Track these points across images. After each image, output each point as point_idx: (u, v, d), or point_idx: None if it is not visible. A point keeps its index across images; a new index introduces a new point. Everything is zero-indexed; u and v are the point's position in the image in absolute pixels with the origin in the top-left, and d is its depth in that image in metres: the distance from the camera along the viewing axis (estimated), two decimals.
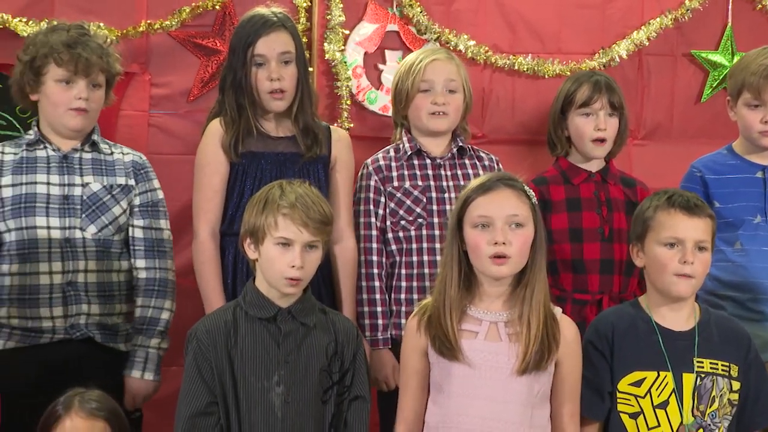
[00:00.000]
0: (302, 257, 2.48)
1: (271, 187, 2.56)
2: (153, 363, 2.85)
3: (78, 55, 2.80)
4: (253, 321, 2.51)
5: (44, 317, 2.79)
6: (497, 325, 2.49)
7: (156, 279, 2.89)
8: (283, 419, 2.46)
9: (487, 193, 2.47)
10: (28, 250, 2.80)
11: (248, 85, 2.98)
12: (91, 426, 2.40)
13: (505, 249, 2.43)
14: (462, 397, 2.45)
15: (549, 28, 3.75)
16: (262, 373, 2.47)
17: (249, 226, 2.54)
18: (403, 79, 3.14)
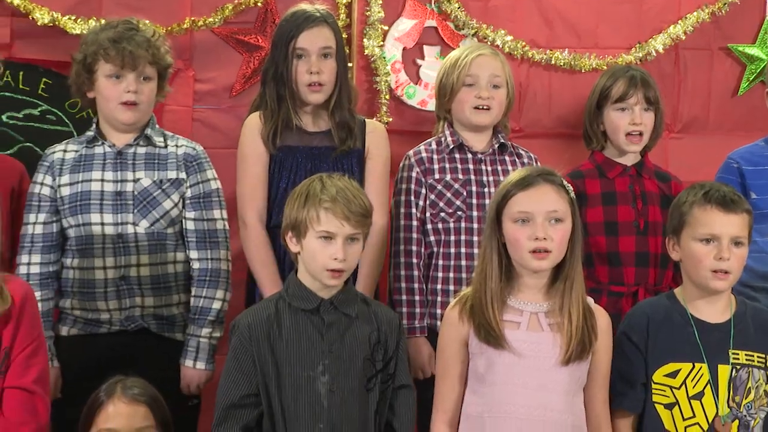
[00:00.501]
0: (344, 250, 2.48)
1: (311, 180, 2.56)
2: (204, 352, 2.86)
3: (124, 50, 2.83)
4: (296, 312, 2.52)
5: (101, 309, 2.85)
6: (538, 315, 2.50)
7: (208, 269, 2.90)
8: (329, 408, 2.46)
9: (527, 189, 2.47)
10: (85, 245, 2.85)
11: (288, 78, 3.00)
12: (133, 411, 2.42)
13: (545, 244, 2.44)
14: (507, 386, 2.45)
15: (586, 23, 3.74)
16: (307, 363, 2.48)
17: (291, 219, 2.54)
18: (449, 73, 3.15)
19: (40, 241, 2.84)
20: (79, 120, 3.35)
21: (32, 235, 2.85)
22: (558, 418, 2.46)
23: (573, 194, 2.52)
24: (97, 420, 2.41)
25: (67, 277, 2.87)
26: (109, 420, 2.40)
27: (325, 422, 2.45)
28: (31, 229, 2.85)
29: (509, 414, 2.45)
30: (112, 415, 2.41)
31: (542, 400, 2.45)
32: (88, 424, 2.43)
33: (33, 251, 2.84)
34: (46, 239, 2.85)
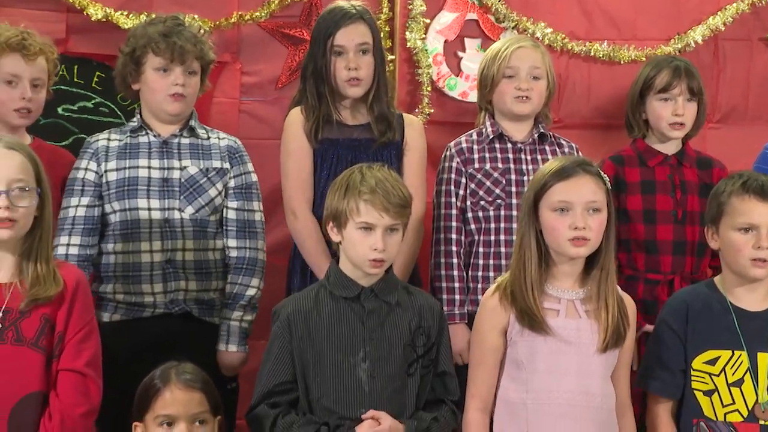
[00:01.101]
0: (384, 240, 2.48)
1: (351, 171, 2.56)
2: (235, 335, 2.88)
3: (173, 44, 2.86)
4: (337, 300, 2.52)
5: (146, 293, 2.86)
6: (574, 302, 2.50)
7: (246, 258, 2.93)
8: (371, 393, 2.47)
9: (567, 179, 2.46)
10: (130, 230, 2.86)
11: (328, 74, 3.02)
12: (189, 397, 2.42)
13: (584, 233, 2.44)
14: (550, 373, 2.46)
15: (625, 14, 3.71)
16: (348, 350, 2.48)
17: (331, 210, 2.54)
18: (489, 65, 3.14)
19: (81, 224, 2.85)
20: (130, 112, 3.35)
21: (74, 218, 2.86)
22: (598, 403, 2.48)
23: (609, 184, 2.52)
24: (154, 406, 2.41)
25: (108, 262, 2.88)
26: (166, 407, 2.40)
27: (366, 407, 2.45)
28: (73, 211, 2.86)
29: (552, 400, 2.45)
30: (170, 402, 2.40)
31: (583, 385, 2.46)
32: (143, 410, 2.43)
33: (73, 233, 2.85)
34: (87, 222, 2.86)
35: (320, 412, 2.47)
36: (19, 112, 2.88)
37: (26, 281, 2.32)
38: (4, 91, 2.88)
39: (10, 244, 2.32)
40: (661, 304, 2.92)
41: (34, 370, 2.31)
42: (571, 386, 2.45)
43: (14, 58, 2.87)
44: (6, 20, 3.03)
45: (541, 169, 2.56)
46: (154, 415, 2.40)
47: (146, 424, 2.41)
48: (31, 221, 2.34)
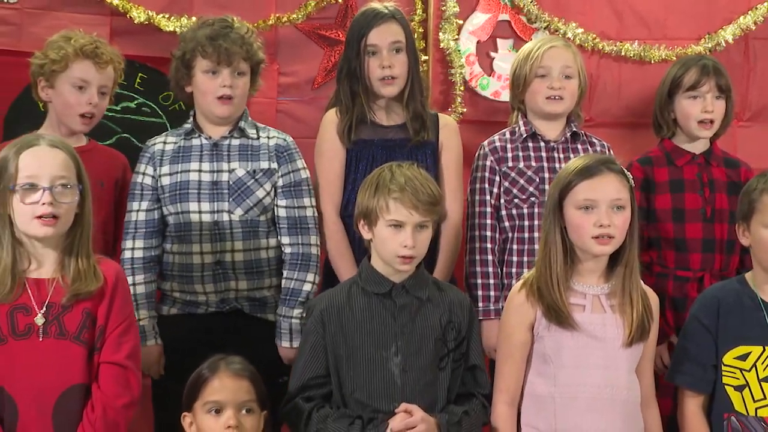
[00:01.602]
0: (414, 237, 2.48)
1: (381, 170, 2.57)
2: (297, 333, 2.86)
3: (220, 46, 2.86)
4: (369, 296, 2.53)
5: (198, 292, 2.89)
6: (599, 297, 2.51)
7: (299, 254, 2.92)
8: (403, 387, 2.48)
9: (591, 177, 2.47)
10: (183, 232, 2.89)
11: (362, 74, 3.02)
12: (238, 385, 2.43)
13: (609, 230, 2.44)
14: (576, 367, 2.47)
15: (655, 14, 3.70)
16: (380, 344, 2.49)
17: (362, 208, 2.55)
18: (522, 65, 3.14)
19: (143, 227, 2.89)
20: (172, 112, 3.41)
21: (136, 222, 2.89)
22: (624, 396, 2.48)
23: (632, 182, 2.52)
24: (202, 394, 2.42)
25: (167, 261, 2.91)
26: (214, 393, 2.42)
27: (398, 400, 2.46)
28: (135, 216, 2.90)
29: (579, 394, 2.46)
30: (218, 389, 2.42)
31: (610, 379, 2.47)
32: (192, 399, 2.45)
33: (137, 237, 2.88)
34: (148, 225, 2.89)
35: (353, 405, 2.49)
36: (83, 118, 2.92)
37: (68, 277, 2.34)
38: (73, 95, 2.91)
39: (52, 240, 2.34)
40: (690, 301, 2.91)
41: (77, 363, 2.33)
42: (597, 380, 2.46)
43: (86, 64, 2.90)
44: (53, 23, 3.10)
45: (566, 167, 2.57)
46: (203, 402, 2.42)
47: (195, 412, 2.43)
48: (72, 218, 2.36)
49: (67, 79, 2.91)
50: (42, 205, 2.29)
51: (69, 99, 2.92)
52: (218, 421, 2.39)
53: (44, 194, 2.29)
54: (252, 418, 2.42)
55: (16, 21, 3.27)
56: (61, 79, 2.91)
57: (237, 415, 2.39)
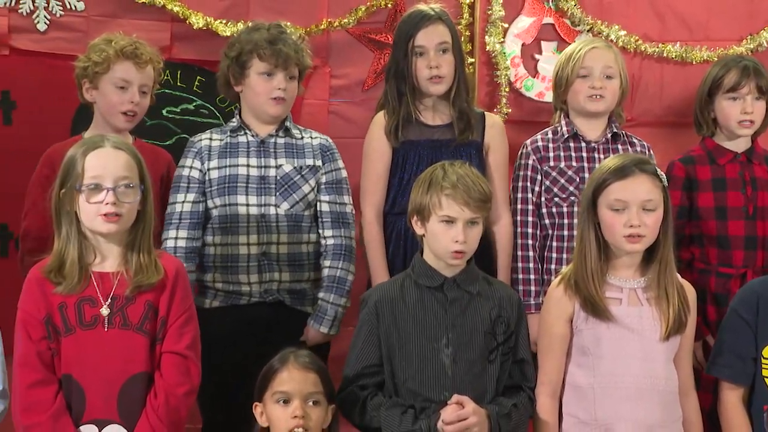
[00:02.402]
0: (465, 233, 2.49)
1: (434, 168, 2.58)
2: (338, 320, 2.91)
3: (279, 51, 2.89)
4: (421, 290, 2.54)
5: (243, 282, 2.91)
6: (636, 291, 2.51)
7: (342, 245, 2.95)
8: (453, 377, 2.48)
9: (624, 179, 2.47)
10: (229, 224, 2.90)
11: (409, 74, 3.03)
12: (305, 377, 2.43)
13: (639, 230, 2.44)
14: (615, 358, 2.47)
15: (697, 16, 3.68)
16: (432, 336, 2.50)
17: (415, 204, 2.55)
18: (564, 66, 3.13)
19: (187, 218, 2.90)
20: (228, 114, 3.41)
21: (181, 213, 2.90)
22: (662, 386, 2.49)
23: (666, 182, 2.52)
24: (272, 384, 2.43)
25: (208, 253, 2.92)
26: (283, 384, 2.42)
27: (449, 390, 2.47)
28: (180, 207, 2.91)
29: (618, 384, 2.47)
30: (286, 380, 2.43)
31: (648, 369, 2.47)
32: (263, 390, 2.45)
33: (181, 227, 2.89)
34: (193, 217, 2.90)
35: (405, 393, 2.50)
36: (125, 116, 2.96)
37: (131, 270, 2.37)
38: (115, 94, 2.96)
39: (116, 236, 2.38)
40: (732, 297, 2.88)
41: (140, 352, 2.37)
42: (636, 370, 2.47)
43: (126, 65, 2.95)
44: (119, 30, 3.13)
45: (601, 166, 2.57)
46: (272, 393, 2.43)
47: (265, 402, 2.44)
48: (135, 215, 2.39)
49: (109, 80, 2.95)
50: (105, 204, 2.33)
51: (112, 98, 2.96)
52: (285, 410, 2.40)
53: (108, 194, 2.33)
54: (318, 410, 2.43)
55: (83, 28, 3.34)
56: (104, 80, 2.96)
57: (303, 406, 2.40)
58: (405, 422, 2.46)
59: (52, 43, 3.33)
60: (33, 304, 2.36)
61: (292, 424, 2.38)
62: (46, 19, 3.32)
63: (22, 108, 3.35)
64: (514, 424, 2.50)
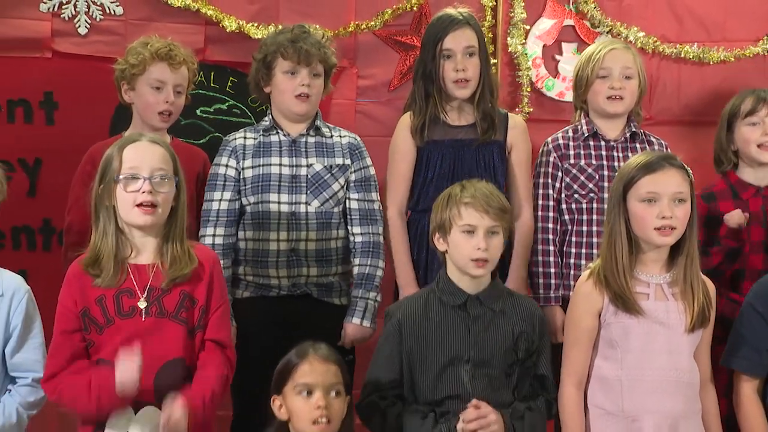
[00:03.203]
0: (486, 241, 2.48)
1: (452, 187, 2.58)
2: (370, 312, 2.92)
3: (300, 48, 2.91)
4: (445, 306, 2.52)
5: (272, 276, 2.93)
6: (662, 286, 2.50)
7: (371, 242, 2.97)
8: (473, 392, 2.47)
9: (654, 172, 2.46)
10: (261, 220, 2.93)
11: (436, 76, 3.03)
12: (326, 368, 2.41)
13: (671, 222, 2.44)
14: (642, 352, 2.47)
15: (714, 17, 3.66)
16: (453, 353, 2.49)
17: (437, 222, 2.54)
18: (584, 66, 3.13)
19: (224, 216, 2.91)
20: (260, 113, 3.46)
21: (218, 210, 2.91)
22: (687, 378, 2.49)
23: (692, 176, 2.51)
24: (293, 377, 2.40)
25: (241, 248, 2.93)
26: (305, 376, 2.39)
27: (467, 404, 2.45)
28: (216, 205, 2.92)
29: (645, 377, 2.47)
30: (308, 372, 2.39)
31: (673, 363, 2.47)
32: (282, 383, 2.42)
33: (218, 224, 2.90)
34: (229, 214, 2.92)
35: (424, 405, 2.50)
36: (161, 115, 2.98)
37: (166, 262, 2.39)
38: (151, 94, 2.99)
39: (153, 229, 2.40)
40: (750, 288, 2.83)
41: (175, 340, 2.39)
42: (662, 364, 2.47)
43: (161, 66, 2.97)
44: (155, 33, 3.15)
45: (629, 162, 2.56)
46: (294, 385, 2.39)
47: (285, 395, 2.41)
48: (170, 208, 2.42)
49: (145, 81, 2.98)
50: (142, 193, 2.36)
51: (148, 99, 2.98)
52: (308, 402, 2.37)
53: (144, 183, 2.36)
54: (339, 401, 2.41)
55: (121, 31, 3.37)
56: (140, 81, 2.98)
57: (326, 397, 2.38)
58: (425, 426, 2.46)
59: (92, 46, 3.37)
60: (70, 298, 2.39)
61: (315, 414, 2.35)
62: (87, 24, 3.36)
63: (63, 108, 3.39)
64: (529, 426, 2.48)
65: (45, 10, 3.33)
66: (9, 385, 2.51)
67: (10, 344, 2.49)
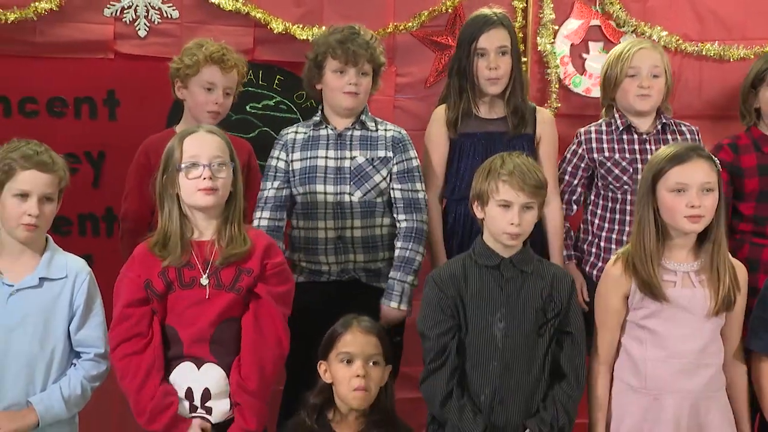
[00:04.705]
0: (520, 216, 2.48)
1: (493, 158, 2.57)
2: (407, 296, 2.90)
3: (348, 49, 2.91)
4: (481, 268, 2.54)
5: (322, 262, 2.95)
6: (689, 274, 2.48)
7: (413, 228, 2.94)
8: (503, 348, 2.49)
9: (683, 163, 2.44)
10: (309, 210, 2.95)
11: (470, 73, 3.03)
12: (367, 339, 2.46)
13: (699, 211, 2.42)
14: (667, 336, 2.46)
15: (735, 17, 3.62)
16: (487, 310, 2.50)
17: (476, 191, 2.56)
18: (613, 65, 3.10)
19: (271, 202, 2.94)
20: (304, 109, 3.50)
21: (266, 197, 2.95)
22: (708, 360, 2.47)
23: (719, 166, 2.49)
24: (336, 345, 2.47)
25: (295, 236, 2.97)
26: (346, 345, 2.46)
27: (498, 360, 2.49)
28: (266, 193, 2.96)
29: (668, 359, 2.46)
30: (350, 342, 2.46)
31: (697, 345, 2.46)
32: (327, 350, 2.49)
33: (265, 209, 2.93)
34: (276, 201, 2.94)
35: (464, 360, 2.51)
36: (210, 114, 3.00)
37: (223, 240, 2.45)
38: (202, 94, 3.00)
39: (214, 210, 2.46)
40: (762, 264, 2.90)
41: (231, 306, 2.43)
42: (686, 347, 2.46)
43: (213, 69, 2.98)
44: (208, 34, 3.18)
45: (657, 154, 2.54)
46: (336, 353, 2.46)
47: (329, 361, 2.48)
48: (228, 191, 2.47)
49: (198, 81, 2.98)
50: (203, 179, 2.41)
51: (199, 98, 2.99)
52: (349, 369, 2.43)
53: (204, 170, 2.41)
54: (377, 370, 2.46)
55: (177, 33, 3.39)
56: (193, 81, 2.99)
57: (365, 366, 2.43)
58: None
59: (150, 47, 3.39)
60: (134, 271, 2.45)
61: (355, 382, 2.41)
62: (146, 27, 3.38)
63: (124, 105, 3.42)
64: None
65: (108, 14, 3.36)
66: (74, 359, 2.55)
67: (74, 322, 2.53)
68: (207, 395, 2.42)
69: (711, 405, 2.47)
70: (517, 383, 2.48)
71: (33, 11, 3.24)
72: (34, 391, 2.47)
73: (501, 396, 2.47)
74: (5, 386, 2.45)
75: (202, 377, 2.42)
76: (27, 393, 2.46)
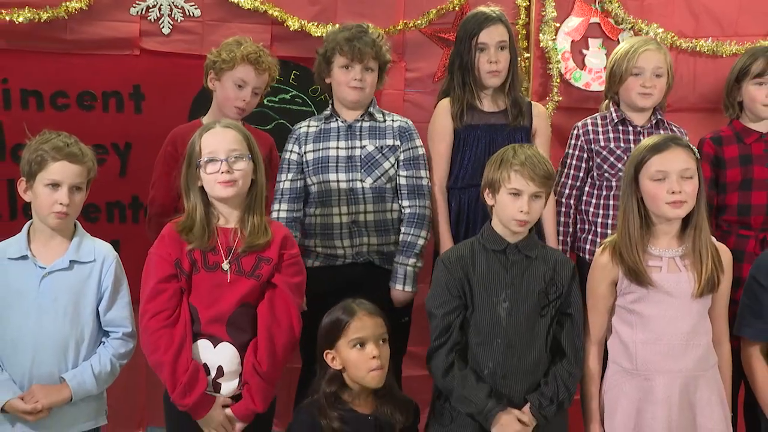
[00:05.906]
0: (529, 204, 2.48)
1: (506, 149, 2.56)
2: (410, 278, 2.91)
3: (354, 47, 2.92)
4: (488, 252, 2.54)
5: (338, 247, 2.96)
6: (674, 259, 2.47)
7: (416, 213, 2.96)
8: (506, 327, 2.49)
9: (662, 152, 2.44)
10: (324, 198, 2.96)
11: (472, 67, 3.04)
12: (374, 321, 2.45)
13: (680, 196, 2.41)
14: (655, 319, 2.45)
15: (728, 14, 3.60)
16: (492, 291, 2.51)
17: (488, 179, 2.55)
18: (619, 63, 3.09)
19: (287, 194, 2.96)
20: (319, 102, 3.50)
21: (282, 189, 2.97)
22: (696, 341, 2.46)
23: (698, 155, 2.48)
24: (346, 333, 2.42)
25: (310, 223, 2.98)
26: (358, 331, 2.42)
27: (501, 337, 2.49)
28: (282, 185, 2.97)
29: (656, 341, 2.46)
30: (360, 327, 2.43)
31: (685, 327, 2.45)
32: (334, 339, 2.44)
33: (282, 201, 2.95)
34: (292, 192, 2.96)
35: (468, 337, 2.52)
36: (236, 109, 3.00)
37: (245, 229, 2.46)
38: (232, 90, 2.99)
39: (236, 200, 2.48)
40: (747, 254, 2.89)
41: (249, 292, 2.45)
42: (673, 330, 2.45)
43: (248, 68, 2.97)
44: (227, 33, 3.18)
45: (638, 146, 2.53)
46: (348, 340, 2.42)
47: (338, 349, 2.44)
48: (249, 182, 2.48)
49: (231, 77, 2.97)
50: (221, 173, 2.43)
51: (229, 93, 2.99)
52: (363, 353, 2.41)
53: (222, 164, 2.43)
54: (385, 347, 2.46)
55: (198, 31, 3.39)
56: (226, 76, 2.98)
57: (377, 346, 2.42)
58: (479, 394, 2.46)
59: (174, 44, 3.40)
60: (164, 249, 2.47)
61: (372, 363, 2.40)
62: (170, 24, 3.38)
63: (149, 99, 3.43)
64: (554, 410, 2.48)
65: (134, 13, 3.36)
66: (103, 338, 2.57)
67: (102, 303, 2.55)
68: (220, 372, 2.44)
69: (701, 383, 2.46)
70: (520, 359, 2.48)
71: (64, 10, 3.25)
72: (66, 368, 2.49)
73: (504, 371, 2.48)
74: (40, 363, 2.48)
75: (218, 355, 2.44)
76: (59, 370, 2.49)
